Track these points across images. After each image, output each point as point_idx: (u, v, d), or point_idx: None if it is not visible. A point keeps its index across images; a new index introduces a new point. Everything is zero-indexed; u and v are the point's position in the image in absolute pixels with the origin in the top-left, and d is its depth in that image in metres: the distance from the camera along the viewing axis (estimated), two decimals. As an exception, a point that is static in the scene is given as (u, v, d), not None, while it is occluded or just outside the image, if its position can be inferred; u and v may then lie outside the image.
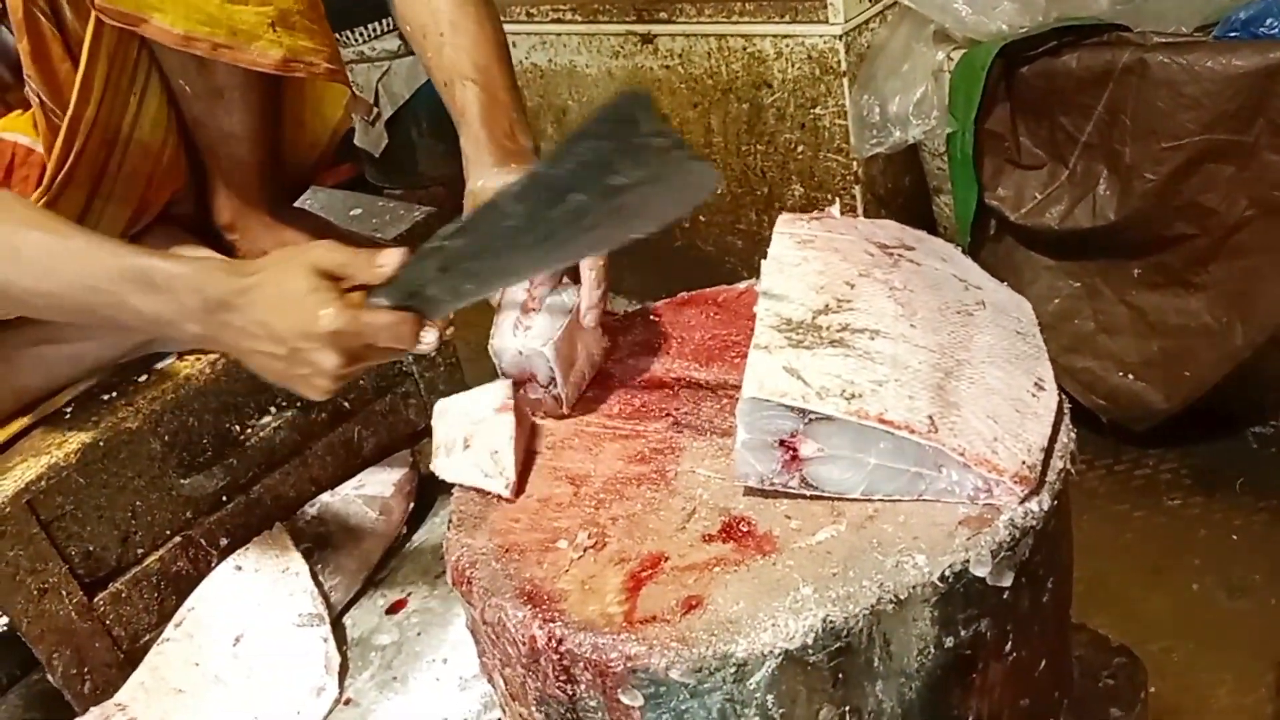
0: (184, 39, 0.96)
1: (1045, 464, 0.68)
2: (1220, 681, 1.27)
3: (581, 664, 0.65)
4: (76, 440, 1.04)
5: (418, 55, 1.04)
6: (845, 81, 1.64)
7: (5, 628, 1.06)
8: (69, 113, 0.98)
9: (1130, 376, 1.53)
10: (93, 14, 0.95)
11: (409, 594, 1.17)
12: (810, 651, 0.62)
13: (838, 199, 1.74)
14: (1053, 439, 0.70)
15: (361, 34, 2.77)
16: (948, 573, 0.63)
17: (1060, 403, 0.73)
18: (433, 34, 0.98)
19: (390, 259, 0.78)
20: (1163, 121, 1.35)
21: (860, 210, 1.74)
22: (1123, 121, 1.40)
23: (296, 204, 1.29)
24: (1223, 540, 1.44)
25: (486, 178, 0.90)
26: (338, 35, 2.75)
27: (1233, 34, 1.32)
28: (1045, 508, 0.66)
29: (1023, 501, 0.66)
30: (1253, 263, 1.36)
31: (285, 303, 0.78)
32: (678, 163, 0.71)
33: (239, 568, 1.14)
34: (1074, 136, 1.46)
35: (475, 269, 0.77)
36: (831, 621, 0.62)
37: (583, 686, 0.66)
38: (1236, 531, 1.45)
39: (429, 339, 0.79)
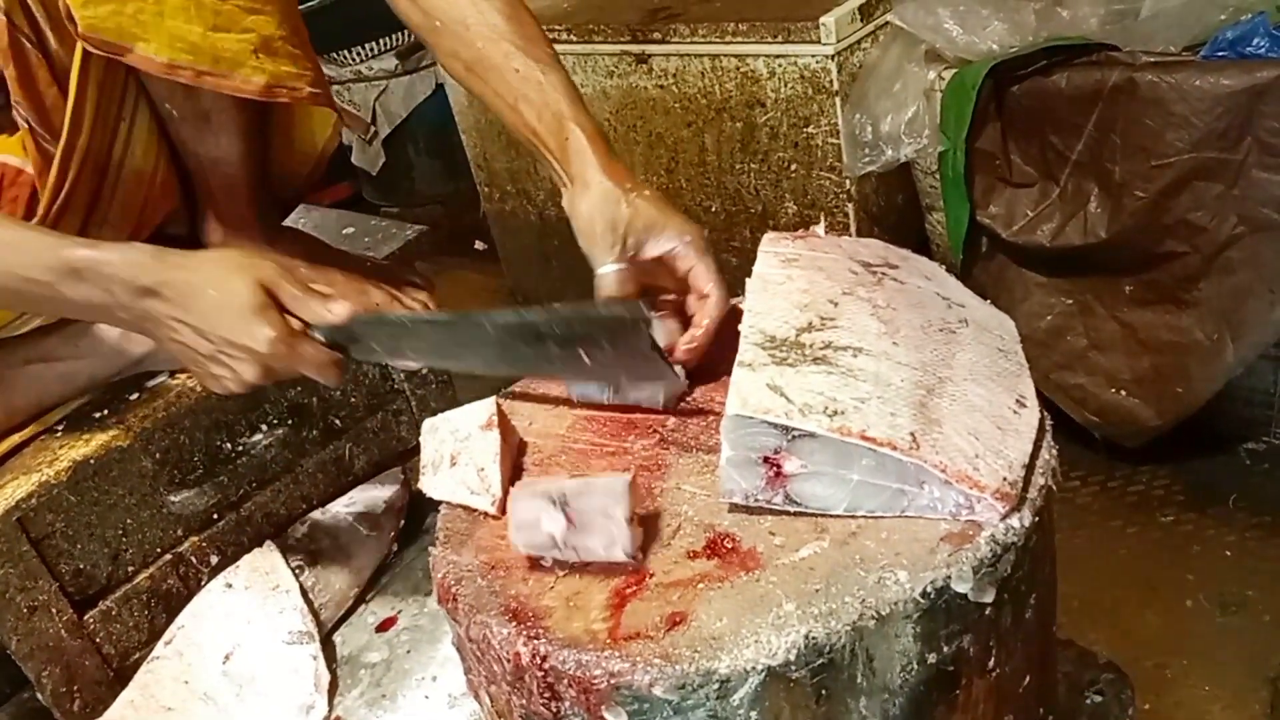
0: (168, 67, 0.97)
1: (1027, 480, 0.68)
2: (1214, 698, 1.26)
3: (566, 681, 0.65)
4: (67, 458, 1.05)
5: (449, 49, 0.98)
6: (838, 101, 1.65)
7: (-5, 645, 1.06)
8: (62, 142, 0.98)
9: (1122, 393, 1.53)
10: (79, 42, 0.96)
11: (399, 611, 1.17)
12: (793, 668, 0.62)
13: (828, 217, 1.74)
14: (1034, 455, 0.70)
15: (359, 53, 2.79)
16: (929, 589, 0.63)
17: (1042, 419, 0.73)
18: (479, 27, 0.95)
19: (341, 309, 0.84)
20: (1152, 140, 1.36)
21: (853, 228, 1.75)
22: (1112, 140, 1.40)
23: (289, 223, 1.30)
24: (1216, 556, 1.44)
25: (604, 200, 0.88)
26: (335, 54, 2.79)
27: (1220, 53, 1.33)
28: (1027, 524, 0.66)
29: (1004, 518, 0.66)
30: (1243, 279, 1.36)
31: (224, 309, 0.82)
32: (652, 363, 0.80)
33: (229, 585, 1.14)
34: (1064, 155, 1.47)
35: (422, 349, 0.85)
36: (814, 638, 0.62)
37: (567, 703, 0.66)
38: (1230, 547, 1.45)
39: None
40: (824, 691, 0.64)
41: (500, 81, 0.95)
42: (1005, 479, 0.67)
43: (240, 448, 1.17)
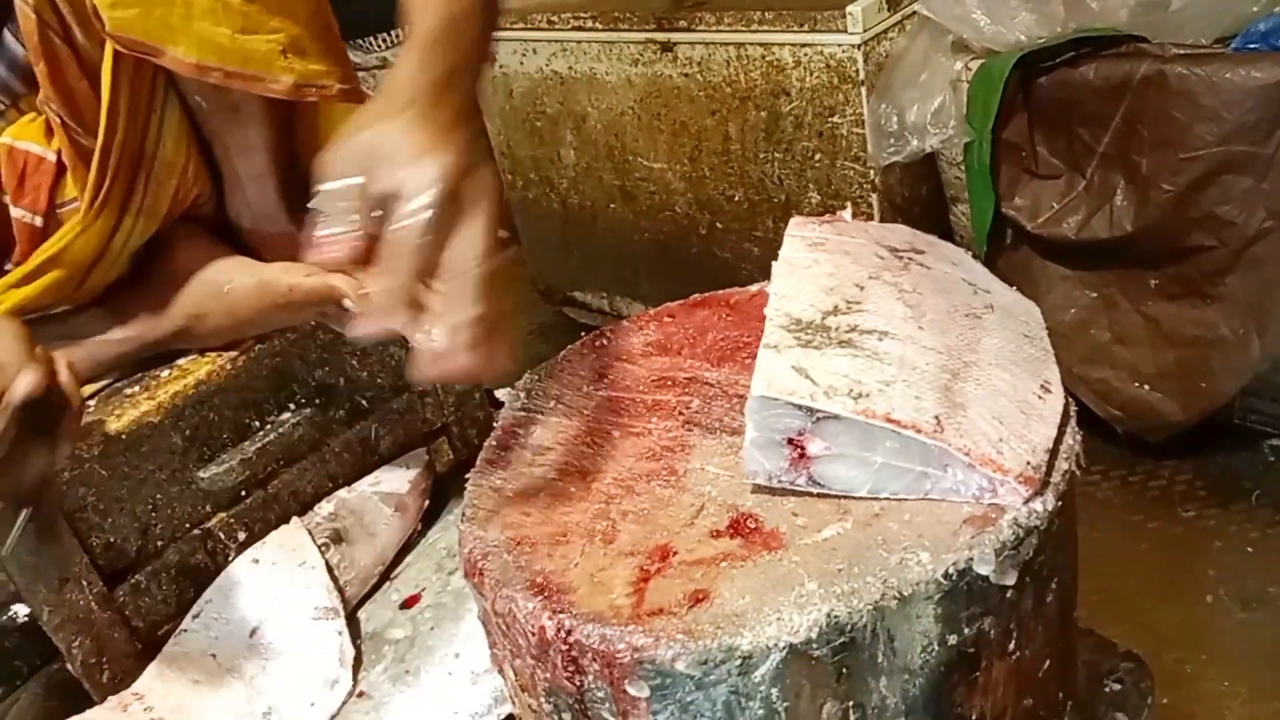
0: (197, 68, 0.98)
1: (1050, 465, 0.68)
2: (1234, 694, 1.26)
3: (589, 655, 0.66)
4: (99, 432, 1.06)
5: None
6: (863, 90, 1.65)
7: (26, 617, 1.08)
8: (99, 141, 0.99)
9: (1146, 387, 1.53)
10: (108, 41, 0.96)
11: (423, 589, 1.18)
12: (814, 646, 0.63)
13: (852, 207, 1.74)
14: (1058, 440, 0.70)
15: (384, 40, 2.80)
16: (951, 570, 0.64)
17: (1066, 405, 0.73)
18: None
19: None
20: (1180, 133, 1.35)
21: (878, 218, 1.75)
22: (1140, 132, 1.40)
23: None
24: (1238, 552, 1.44)
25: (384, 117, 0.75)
26: (361, 41, 2.80)
27: (1252, 46, 1.33)
28: (1049, 508, 0.67)
29: (1027, 501, 0.66)
30: (1270, 274, 1.36)
31: None
32: None
33: (256, 561, 1.15)
34: (1091, 147, 1.47)
35: None
36: (836, 616, 0.63)
37: (590, 677, 0.67)
38: (1252, 543, 1.45)
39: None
40: (845, 670, 0.64)
41: None
42: (1029, 463, 0.67)
43: (268, 426, 1.18)
